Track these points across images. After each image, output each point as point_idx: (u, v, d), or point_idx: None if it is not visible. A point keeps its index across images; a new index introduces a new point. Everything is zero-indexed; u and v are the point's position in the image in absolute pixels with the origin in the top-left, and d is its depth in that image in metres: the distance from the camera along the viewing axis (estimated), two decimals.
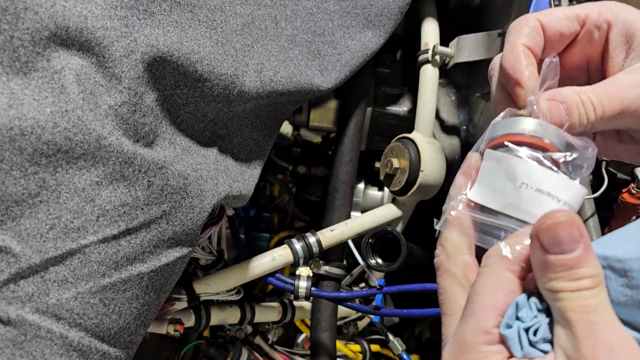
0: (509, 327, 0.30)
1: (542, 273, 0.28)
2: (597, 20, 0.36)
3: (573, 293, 0.27)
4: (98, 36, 0.43)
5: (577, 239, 0.28)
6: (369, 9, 0.64)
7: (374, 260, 0.66)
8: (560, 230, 0.28)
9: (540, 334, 0.29)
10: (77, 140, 0.42)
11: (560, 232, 0.28)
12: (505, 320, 0.30)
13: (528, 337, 0.30)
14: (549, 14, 0.37)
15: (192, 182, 0.50)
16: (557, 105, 0.34)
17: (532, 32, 0.36)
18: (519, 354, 0.29)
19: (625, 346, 0.27)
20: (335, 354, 0.70)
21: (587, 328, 0.27)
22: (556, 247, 0.28)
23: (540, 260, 0.28)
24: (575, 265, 0.27)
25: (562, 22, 0.36)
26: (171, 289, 0.52)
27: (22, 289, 0.42)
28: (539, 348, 0.29)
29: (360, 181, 0.88)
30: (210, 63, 0.50)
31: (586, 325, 0.27)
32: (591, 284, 0.27)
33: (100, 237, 0.44)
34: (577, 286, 0.27)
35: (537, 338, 0.29)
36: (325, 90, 0.61)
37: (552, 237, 0.28)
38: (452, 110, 0.78)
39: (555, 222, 0.28)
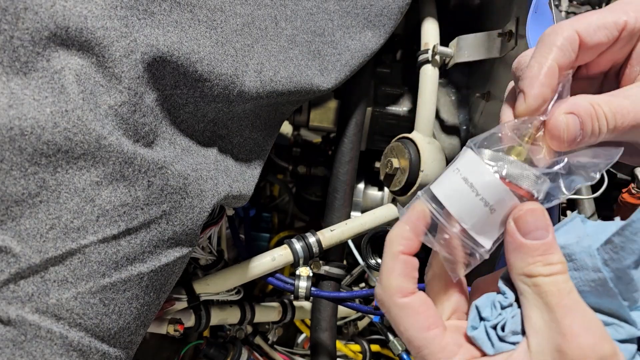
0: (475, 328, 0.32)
1: (520, 258, 0.31)
2: (634, 27, 0.35)
3: (548, 278, 0.30)
4: (98, 36, 0.43)
5: (547, 227, 0.31)
6: (369, 9, 0.64)
7: (374, 260, 0.66)
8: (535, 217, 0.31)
9: (508, 328, 0.31)
10: (77, 140, 0.42)
11: (536, 218, 0.31)
12: (470, 323, 0.32)
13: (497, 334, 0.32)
14: (587, 23, 0.34)
15: (192, 182, 0.50)
16: (574, 121, 0.34)
17: (567, 45, 0.34)
18: (491, 351, 0.31)
19: (595, 323, 0.29)
20: (335, 354, 0.70)
21: (565, 309, 0.29)
22: (531, 233, 0.31)
23: (517, 245, 0.31)
24: (547, 251, 0.30)
25: (600, 33, 0.35)
26: (171, 289, 0.52)
27: (22, 289, 0.42)
28: (509, 341, 0.31)
29: (360, 181, 0.88)
30: (210, 63, 0.50)
31: (563, 307, 0.29)
32: (562, 269, 0.30)
33: (100, 237, 0.44)
34: (551, 270, 0.30)
35: (505, 332, 0.31)
36: (325, 90, 0.61)
37: (529, 222, 0.31)
38: (452, 110, 0.78)
39: (531, 209, 0.31)
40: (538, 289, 0.30)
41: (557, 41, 0.34)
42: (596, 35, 0.35)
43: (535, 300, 0.30)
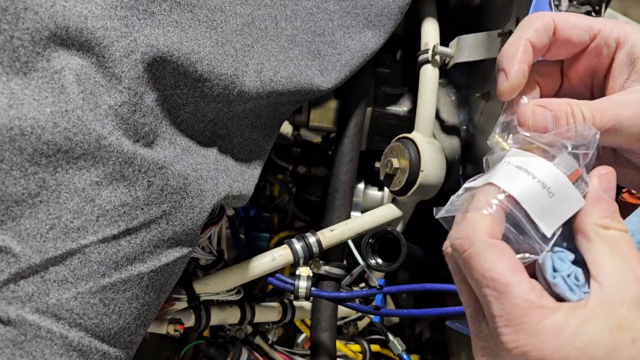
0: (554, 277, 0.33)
1: (599, 211, 0.33)
2: (608, 38, 0.37)
3: (621, 233, 0.33)
4: (98, 36, 0.43)
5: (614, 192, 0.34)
6: (369, 9, 0.64)
7: (374, 260, 0.66)
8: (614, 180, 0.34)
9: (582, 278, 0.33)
10: (77, 140, 0.42)
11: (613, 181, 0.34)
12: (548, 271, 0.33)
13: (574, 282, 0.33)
14: (565, 18, 0.37)
15: (192, 182, 0.50)
16: (543, 112, 0.36)
17: (542, 28, 0.37)
18: (574, 297, 0.33)
19: None
20: (335, 354, 0.70)
21: (637, 258, 0.32)
22: (609, 191, 0.34)
23: (599, 197, 0.34)
24: (618, 212, 0.34)
25: (573, 30, 0.37)
26: (171, 289, 0.52)
27: (22, 289, 0.42)
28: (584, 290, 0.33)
29: (360, 181, 0.88)
30: (210, 63, 0.50)
31: (636, 256, 0.32)
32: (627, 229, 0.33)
33: (100, 237, 0.44)
34: (623, 228, 0.33)
35: (580, 282, 0.33)
36: (325, 90, 0.61)
37: (610, 182, 0.34)
38: (452, 110, 0.78)
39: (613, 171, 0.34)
40: (613, 239, 0.32)
41: (533, 24, 0.37)
42: (570, 31, 0.37)
43: (610, 249, 0.32)
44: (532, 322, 0.31)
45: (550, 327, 0.31)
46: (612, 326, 0.31)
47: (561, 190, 0.33)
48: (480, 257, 0.33)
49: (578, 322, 0.31)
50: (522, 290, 0.32)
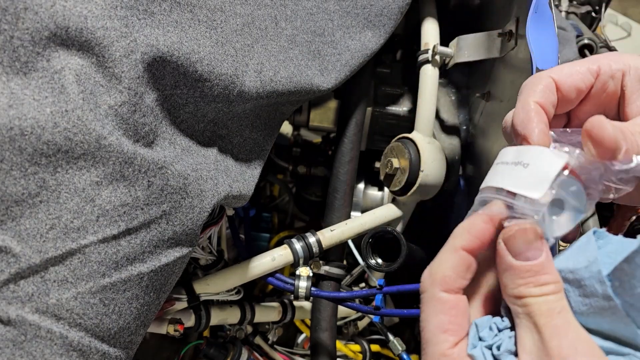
0: (474, 347, 0.32)
1: (510, 280, 0.31)
2: (610, 70, 0.36)
3: (539, 298, 0.30)
4: (98, 36, 0.43)
5: (540, 246, 0.30)
6: (369, 9, 0.64)
7: (374, 260, 0.66)
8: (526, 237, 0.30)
9: (503, 347, 0.31)
10: (77, 140, 0.42)
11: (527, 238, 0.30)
12: (470, 341, 0.32)
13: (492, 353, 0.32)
14: (559, 70, 0.37)
15: (192, 182, 0.50)
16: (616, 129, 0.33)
17: (545, 89, 0.36)
18: None
19: (586, 345, 0.29)
20: (335, 354, 0.70)
21: (553, 330, 0.29)
22: (522, 254, 0.30)
23: (507, 266, 0.31)
24: (540, 271, 0.30)
25: (575, 77, 0.36)
26: (171, 289, 0.52)
27: (22, 289, 0.42)
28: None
29: (360, 181, 0.88)
30: (210, 63, 0.50)
31: (552, 327, 0.29)
32: (555, 289, 0.30)
33: (100, 237, 0.44)
34: (542, 291, 0.30)
35: (500, 352, 0.31)
36: (325, 90, 0.61)
37: (519, 243, 0.30)
38: (452, 110, 0.78)
39: (522, 230, 0.30)
40: (528, 309, 0.30)
41: (536, 88, 0.36)
42: (572, 79, 0.36)
43: (525, 321, 0.30)
44: None
45: None
46: None
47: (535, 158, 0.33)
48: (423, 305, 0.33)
49: None
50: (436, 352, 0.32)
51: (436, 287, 0.33)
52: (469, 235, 0.33)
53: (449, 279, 0.33)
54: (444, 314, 0.32)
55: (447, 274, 0.33)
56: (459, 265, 0.33)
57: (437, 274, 0.33)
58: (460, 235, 0.34)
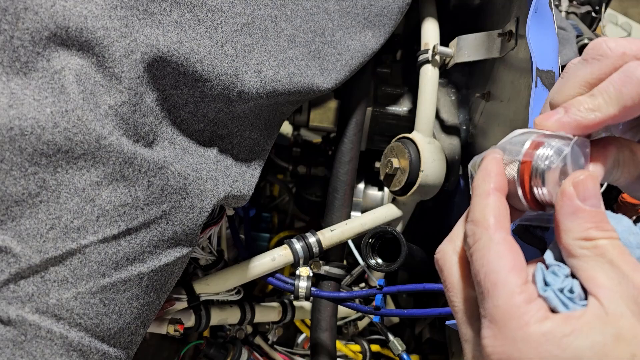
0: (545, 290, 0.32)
1: (578, 223, 0.31)
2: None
3: (609, 241, 0.30)
4: (98, 36, 0.43)
5: (600, 197, 0.31)
6: (369, 9, 0.64)
7: (374, 260, 0.66)
8: (594, 185, 0.31)
9: (576, 291, 0.31)
10: (77, 140, 0.42)
11: (594, 186, 0.31)
12: (539, 284, 0.32)
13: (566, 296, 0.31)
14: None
15: (192, 182, 0.50)
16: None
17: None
18: (565, 310, 0.31)
19: None
20: (335, 354, 0.70)
21: (632, 265, 0.30)
22: (589, 200, 0.31)
23: (575, 209, 0.31)
24: (603, 219, 0.31)
25: None
26: (171, 289, 0.52)
27: (22, 289, 0.42)
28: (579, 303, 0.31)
29: (360, 181, 0.88)
30: (210, 63, 0.50)
31: (630, 264, 0.30)
32: (616, 235, 0.31)
33: (100, 237, 0.44)
34: (611, 235, 0.30)
35: (574, 295, 0.31)
36: (325, 90, 0.61)
37: (587, 189, 0.31)
38: (452, 110, 0.78)
39: (591, 176, 0.31)
40: (600, 249, 0.30)
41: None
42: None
43: (599, 261, 0.30)
44: (512, 328, 0.30)
45: (532, 335, 0.29)
46: (609, 339, 0.28)
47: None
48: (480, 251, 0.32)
49: (568, 332, 0.29)
50: (508, 292, 0.30)
51: (491, 230, 0.32)
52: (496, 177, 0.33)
53: (501, 218, 0.32)
54: (510, 253, 0.31)
55: (496, 214, 0.32)
56: (501, 205, 0.33)
57: (486, 219, 0.32)
58: (484, 179, 0.34)
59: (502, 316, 0.30)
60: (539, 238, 0.43)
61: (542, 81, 0.50)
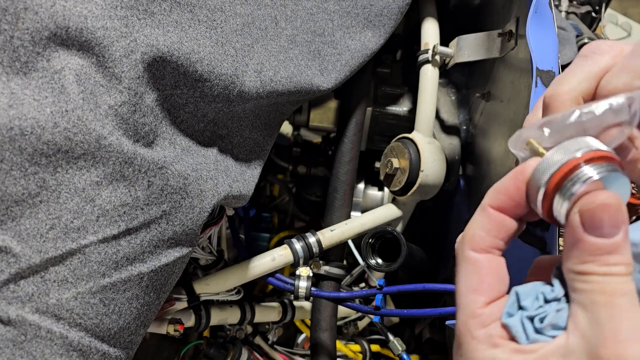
0: (511, 315, 0.30)
1: (577, 254, 0.28)
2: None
3: (604, 277, 0.27)
4: (98, 36, 0.43)
5: (620, 224, 0.27)
6: (369, 9, 0.64)
7: (374, 260, 0.66)
8: (607, 213, 0.27)
9: (548, 320, 0.29)
10: (77, 140, 0.42)
11: (607, 215, 0.27)
12: (507, 309, 0.30)
13: (533, 325, 0.29)
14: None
15: (192, 182, 0.50)
16: None
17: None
18: (524, 341, 0.29)
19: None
20: (335, 354, 0.70)
21: (613, 311, 0.26)
22: (598, 229, 0.27)
23: (577, 239, 0.28)
24: (613, 251, 0.27)
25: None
26: (171, 289, 0.52)
27: (22, 289, 0.42)
28: (547, 334, 0.29)
29: (360, 181, 0.88)
30: (210, 63, 0.50)
31: (612, 309, 0.27)
32: (624, 270, 0.27)
33: (100, 237, 0.44)
34: (610, 271, 0.27)
35: (543, 325, 0.29)
36: (325, 90, 0.61)
37: (598, 218, 0.27)
38: (452, 110, 0.78)
39: (604, 205, 0.27)
40: (590, 285, 0.27)
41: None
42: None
43: (584, 298, 0.28)
44: (465, 350, 0.30)
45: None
46: None
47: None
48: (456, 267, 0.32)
49: None
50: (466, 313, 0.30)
51: (465, 247, 0.32)
52: (495, 193, 0.32)
53: (477, 237, 0.32)
54: (473, 274, 0.31)
55: (476, 233, 0.32)
56: (488, 224, 0.32)
57: (466, 234, 0.32)
58: (488, 194, 0.32)
59: (460, 336, 0.31)
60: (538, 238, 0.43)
61: (542, 81, 0.50)
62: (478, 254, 0.32)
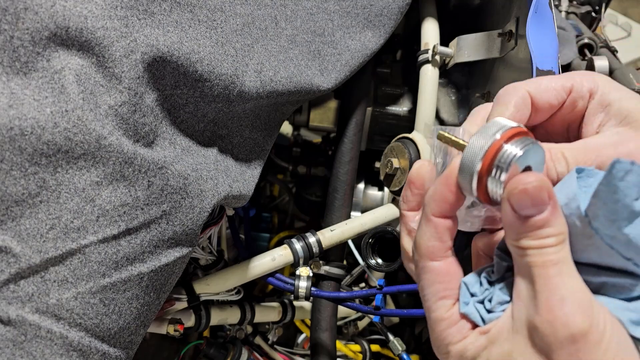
0: (466, 304, 0.33)
1: (512, 232, 0.31)
2: (581, 90, 0.37)
3: (538, 250, 0.30)
4: (98, 36, 0.43)
5: (545, 201, 0.29)
6: (369, 9, 0.64)
7: (374, 260, 0.66)
8: (530, 195, 0.29)
9: (494, 300, 0.32)
10: (77, 140, 0.42)
11: (531, 196, 0.29)
12: (462, 300, 0.33)
13: (485, 307, 0.33)
14: (537, 84, 0.37)
15: (192, 182, 0.50)
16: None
17: (521, 102, 0.37)
18: (482, 324, 0.32)
19: (575, 295, 0.29)
20: (335, 354, 0.70)
21: (545, 281, 0.29)
22: (526, 209, 0.30)
23: (510, 220, 0.30)
24: (542, 225, 0.30)
25: (550, 93, 0.37)
26: (171, 289, 0.52)
27: (22, 289, 0.42)
28: (498, 311, 0.32)
29: (360, 181, 0.88)
30: (210, 63, 0.50)
31: (544, 279, 0.29)
32: (555, 241, 0.30)
33: (100, 237, 0.44)
34: (542, 244, 0.30)
35: (492, 304, 0.32)
36: (325, 90, 0.61)
37: (523, 200, 0.29)
38: (452, 110, 0.78)
39: (526, 187, 0.29)
40: (527, 259, 0.30)
41: (511, 100, 0.36)
42: (547, 95, 0.37)
43: (523, 270, 0.31)
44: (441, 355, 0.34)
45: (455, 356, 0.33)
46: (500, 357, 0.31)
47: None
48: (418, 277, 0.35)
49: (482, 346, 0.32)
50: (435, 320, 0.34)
51: (423, 259, 0.34)
52: (433, 202, 0.34)
53: (432, 247, 0.34)
54: (437, 282, 0.34)
55: (429, 244, 0.34)
56: (436, 233, 0.34)
57: (421, 247, 0.34)
58: (428, 204, 0.34)
59: (434, 344, 0.34)
60: None
61: None
62: (437, 262, 0.34)
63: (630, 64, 1.61)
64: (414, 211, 0.39)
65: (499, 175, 0.31)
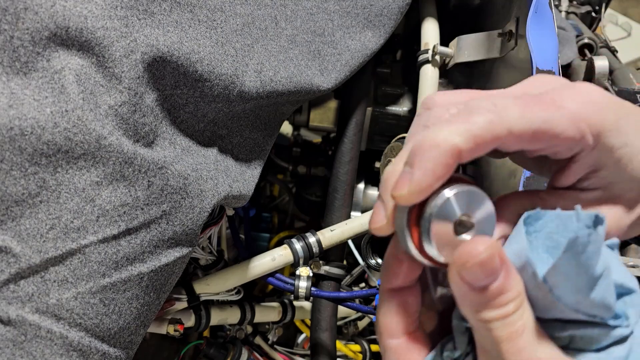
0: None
1: (470, 304, 0.28)
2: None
3: (501, 321, 0.27)
4: (98, 36, 0.43)
5: (498, 268, 0.27)
6: (369, 9, 0.64)
7: (374, 260, 0.66)
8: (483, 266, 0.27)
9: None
10: (77, 140, 0.42)
11: (483, 268, 0.27)
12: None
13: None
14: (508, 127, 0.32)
15: (192, 182, 0.50)
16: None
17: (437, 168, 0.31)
18: None
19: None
20: (335, 354, 0.70)
21: (516, 357, 0.27)
22: (479, 281, 0.27)
23: (464, 293, 0.28)
24: (500, 292, 0.27)
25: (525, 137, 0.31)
26: (171, 289, 0.52)
27: (22, 289, 0.42)
28: None
29: (360, 181, 0.88)
30: (210, 63, 0.50)
31: (515, 354, 0.27)
32: (514, 307, 0.27)
33: (100, 237, 0.44)
34: (504, 313, 0.27)
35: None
36: (325, 90, 0.61)
37: (476, 274, 0.27)
38: None
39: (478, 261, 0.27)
40: (493, 333, 0.27)
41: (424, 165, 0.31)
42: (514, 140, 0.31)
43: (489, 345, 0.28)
44: None
45: None
46: None
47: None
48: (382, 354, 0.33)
49: None
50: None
51: (383, 337, 0.32)
52: (386, 277, 0.32)
53: (391, 324, 0.32)
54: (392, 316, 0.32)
55: (387, 320, 0.32)
56: (394, 307, 0.32)
57: (379, 323, 0.32)
58: (382, 278, 0.32)
59: None
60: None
61: None
62: (395, 339, 0.32)
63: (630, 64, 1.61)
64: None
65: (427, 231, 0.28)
